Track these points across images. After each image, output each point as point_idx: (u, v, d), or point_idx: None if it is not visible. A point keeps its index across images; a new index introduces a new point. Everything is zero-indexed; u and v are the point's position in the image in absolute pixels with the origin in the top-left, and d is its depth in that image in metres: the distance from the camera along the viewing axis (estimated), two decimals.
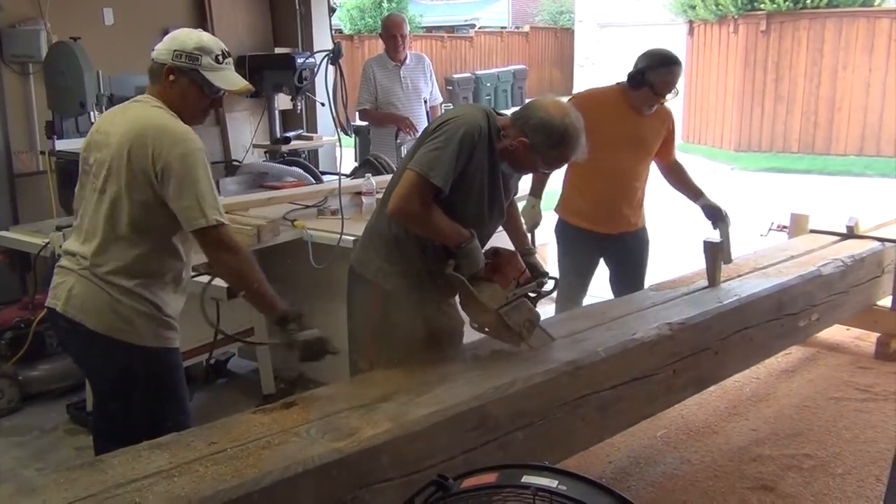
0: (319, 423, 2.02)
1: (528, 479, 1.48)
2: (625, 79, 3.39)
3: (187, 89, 2.24)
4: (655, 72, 3.29)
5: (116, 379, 2.26)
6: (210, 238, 2.17)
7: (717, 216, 3.45)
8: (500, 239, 2.67)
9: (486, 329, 2.49)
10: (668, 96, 3.36)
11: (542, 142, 2.34)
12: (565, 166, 3.36)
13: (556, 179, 3.50)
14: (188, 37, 2.25)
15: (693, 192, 3.56)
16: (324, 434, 1.95)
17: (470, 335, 2.59)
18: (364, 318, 2.51)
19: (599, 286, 3.80)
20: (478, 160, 2.33)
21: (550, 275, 2.59)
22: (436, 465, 2.02)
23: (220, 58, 2.26)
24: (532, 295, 2.51)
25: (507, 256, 2.49)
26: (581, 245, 3.61)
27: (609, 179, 3.45)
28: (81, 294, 2.21)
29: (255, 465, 1.79)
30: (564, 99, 3.33)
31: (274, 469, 1.78)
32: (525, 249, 2.64)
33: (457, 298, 2.54)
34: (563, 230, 3.70)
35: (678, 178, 3.61)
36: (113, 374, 2.26)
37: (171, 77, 2.22)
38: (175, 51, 2.21)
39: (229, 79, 2.29)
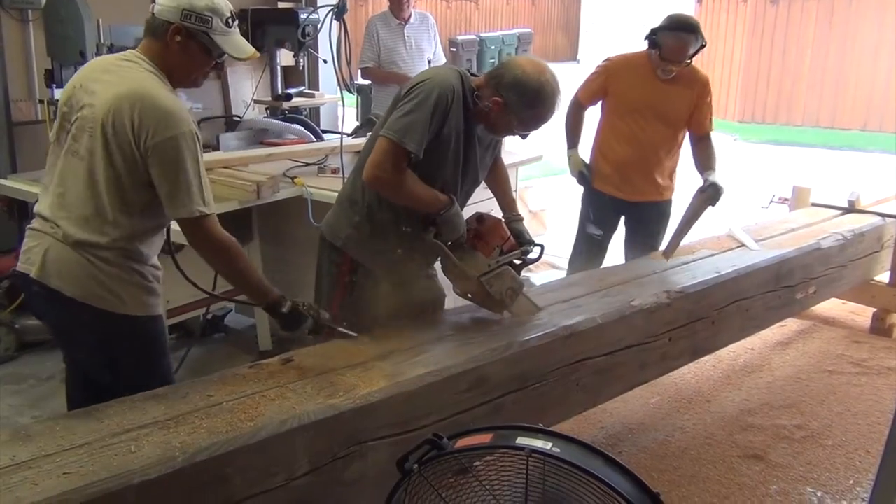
0: (315, 379, 2.03)
1: (522, 440, 1.49)
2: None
3: (194, 52, 2.09)
4: (665, 34, 3.25)
5: (97, 349, 2.14)
6: (194, 228, 2.03)
7: (711, 193, 3.26)
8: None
9: (469, 296, 2.45)
10: (674, 67, 3.28)
11: (517, 101, 2.26)
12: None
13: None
14: None
15: (704, 165, 3.40)
16: (319, 390, 1.96)
17: (454, 301, 2.57)
18: (330, 287, 2.46)
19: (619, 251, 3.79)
20: (452, 123, 2.26)
21: (536, 242, 2.53)
22: (430, 424, 2.03)
23: (230, 21, 2.11)
24: (517, 262, 2.46)
25: (490, 223, 2.44)
26: (601, 208, 3.61)
27: (630, 145, 3.43)
28: (58, 260, 2.05)
29: (251, 419, 1.80)
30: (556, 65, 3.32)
31: (269, 423, 1.79)
32: (512, 216, 2.58)
33: (439, 265, 2.50)
34: (587, 192, 3.69)
35: (700, 152, 3.45)
36: (94, 344, 2.13)
37: (178, 38, 2.05)
38: (184, 10, 2.03)
39: (238, 44, 2.14)
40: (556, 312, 2.56)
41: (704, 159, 3.42)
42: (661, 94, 3.36)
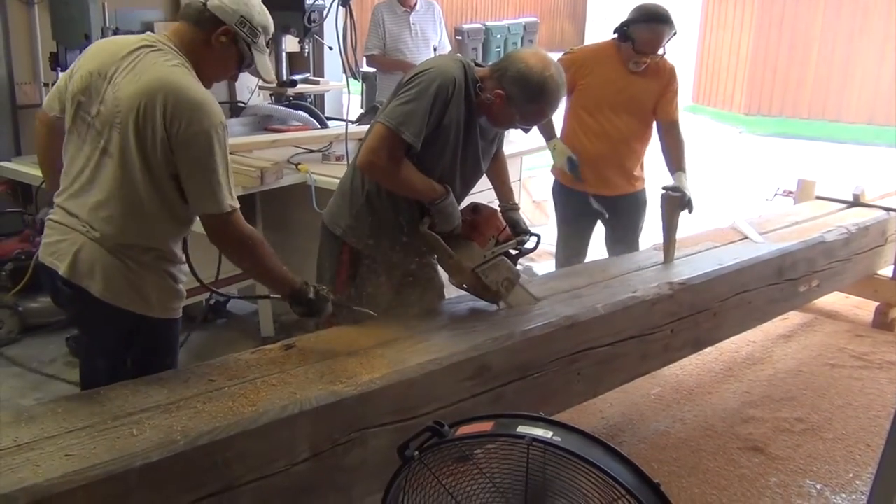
0: (317, 365, 2.03)
1: (523, 429, 1.49)
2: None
3: (231, 57, 2.08)
4: (638, 27, 3.19)
5: (114, 344, 2.11)
6: (218, 224, 1.99)
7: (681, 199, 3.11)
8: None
9: (465, 287, 2.44)
10: (652, 57, 3.23)
11: (520, 95, 2.24)
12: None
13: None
14: (256, 8, 2.08)
15: (674, 165, 3.29)
16: (321, 376, 1.97)
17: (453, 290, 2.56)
18: (331, 274, 2.46)
19: (601, 246, 3.78)
20: (453, 114, 2.24)
21: (532, 232, 2.52)
22: (431, 412, 2.04)
23: (269, 43, 2.14)
24: (513, 252, 2.45)
25: (486, 213, 2.43)
26: (576, 206, 3.57)
27: (601, 140, 3.36)
28: (90, 259, 1.99)
29: (253, 404, 1.81)
30: (559, 54, 3.27)
31: (271, 408, 1.79)
32: (509, 205, 2.57)
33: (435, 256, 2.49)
34: (558, 191, 3.65)
35: (668, 143, 3.37)
36: (112, 339, 2.10)
37: (223, 39, 2.02)
38: (242, 16, 2.03)
39: (267, 66, 2.15)
40: (558, 302, 2.56)
41: (675, 152, 3.32)
42: (631, 86, 3.31)
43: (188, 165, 1.94)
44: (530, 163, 4.61)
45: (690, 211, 3.10)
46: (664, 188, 3.12)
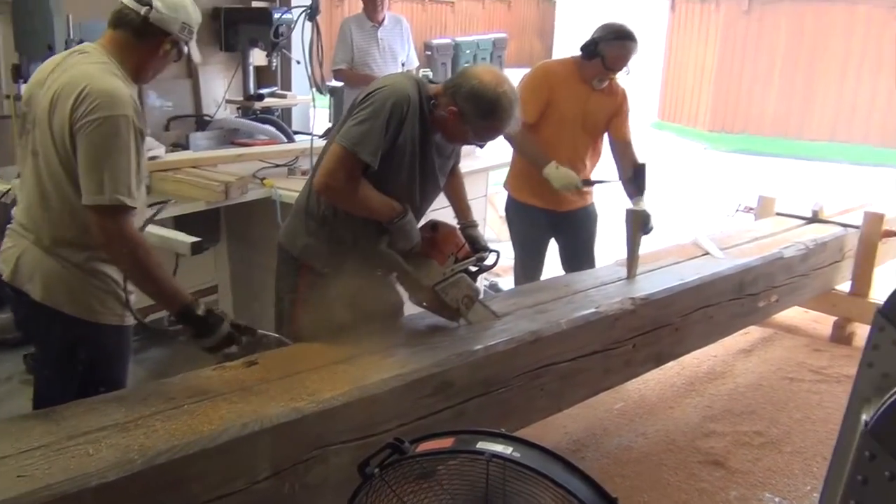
0: (279, 382, 2.02)
1: (483, 445, 1.50)
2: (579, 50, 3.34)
3: (171, 57, 2.14)
4: (609, 44, 3.24)
5: (60, 352, 2.08)
6: (107, 218, 1.90)
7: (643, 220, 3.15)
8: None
9: (425, 305, 2.44)
10: (621, 73, 3.31)
11: (473, 111, 2.22)
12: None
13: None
14: (190, 7, 2.12)
15: (633, 188, 3.23)
16: (283, 393, 1.95)
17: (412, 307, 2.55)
18: (289, 297, 2.44)
19: (556, 262, 3.78)
20: (408, 131, 2.24)
21: (492, 248, 2.52)
22: (393, 429, 2.04)
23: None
24: (473, 269, 2.45)
25: (444, 231, 2.42)
26: (532, 222, 3.58)
27: (558, 155, 3.36)
28: (31, 262, 2.01)
29: (212, 422, 1.79)
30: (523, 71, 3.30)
31: (231, 426, 1.78)
32: (467, 222, 2.57)
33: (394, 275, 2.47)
34: (513, 208, 3.65)
35: (625, 165, 3.36)
36: (57, 347, 2.08)
37: (167, 47, 2.09)
38: (184, 23, 2.08)
39: (197, 51, 2.23)
40: (522, 317, 2.58)
41: (636, 180, 3.24)
42: (590, 103, 3.37)
43: (82, 151, 1.90)
44: (497, 178, 4.64)
45: (648, 233, 3.15)
46: (629, 207, 3.15)
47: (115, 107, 1.91)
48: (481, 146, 2.47)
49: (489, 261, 2.51)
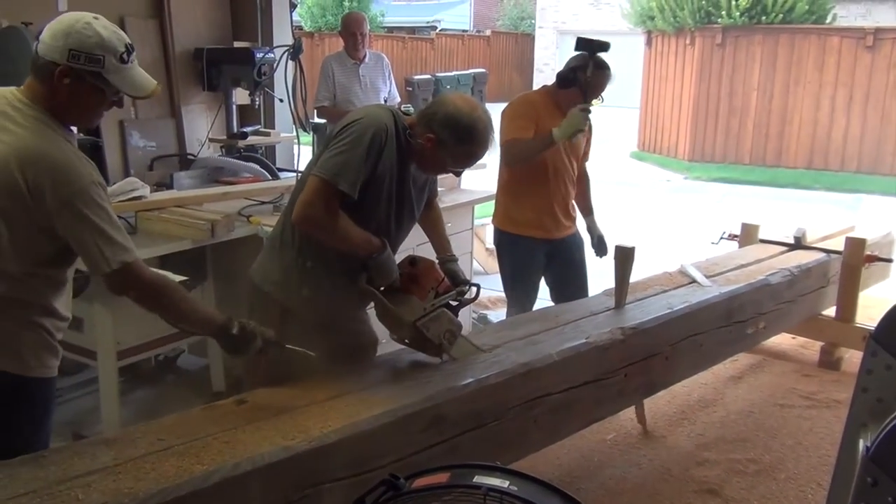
0: (270, 420, 1.99)
1: (479, 479, 1.48)
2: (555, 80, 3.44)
3: (85, 94, 1.86)
4: (593, 72, 3.30)
5: None
6: (121, 280, 1.87)
7: (598, 242, 3.70)
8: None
9: (407, 342, 2.40)
10: (595, 102, 3.37)
11: (450, 137, 2.23)
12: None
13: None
14: (84, 32, 1.82)
15: (586, 209, 3.74)
16: (274, 432, 1.93)
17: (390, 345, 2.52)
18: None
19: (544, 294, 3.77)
20: (386, 162, 2.23)
21: (472, 282, 2.51)
22: (387, 465, 2.01)
23: (126, 56, 1.87)
24: (453, 304, 2.42)
25: (424, 266, 2.39)
26: (527, 253, 3.57)
27: (548, 183, 3.45)
28: None
29: (203, 463, 1.76)
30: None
31: (222, 466, 1.75)
32: (446, 256, 2.55)
33: (372, 311, 2.44)
34: (507, 241, 3.62)
35: (581, 188, 3.70)
36: None
37: (66, 80, 1.81)
38: (72, 50, 1.80)
39: (136, 81, 1.91)
40: (513, 349, 2.57)
41: (587, 200, 3.76)
42: None
43: (70, 233, 1.83)
44: (482, 211, 4.66)
45: (601, 256, 3.33)
46: (617, 244, 3.17)
47: (78, 178, 1.81)
48: (458, 174, 2.46)
49: (470, 294, 2.48)
